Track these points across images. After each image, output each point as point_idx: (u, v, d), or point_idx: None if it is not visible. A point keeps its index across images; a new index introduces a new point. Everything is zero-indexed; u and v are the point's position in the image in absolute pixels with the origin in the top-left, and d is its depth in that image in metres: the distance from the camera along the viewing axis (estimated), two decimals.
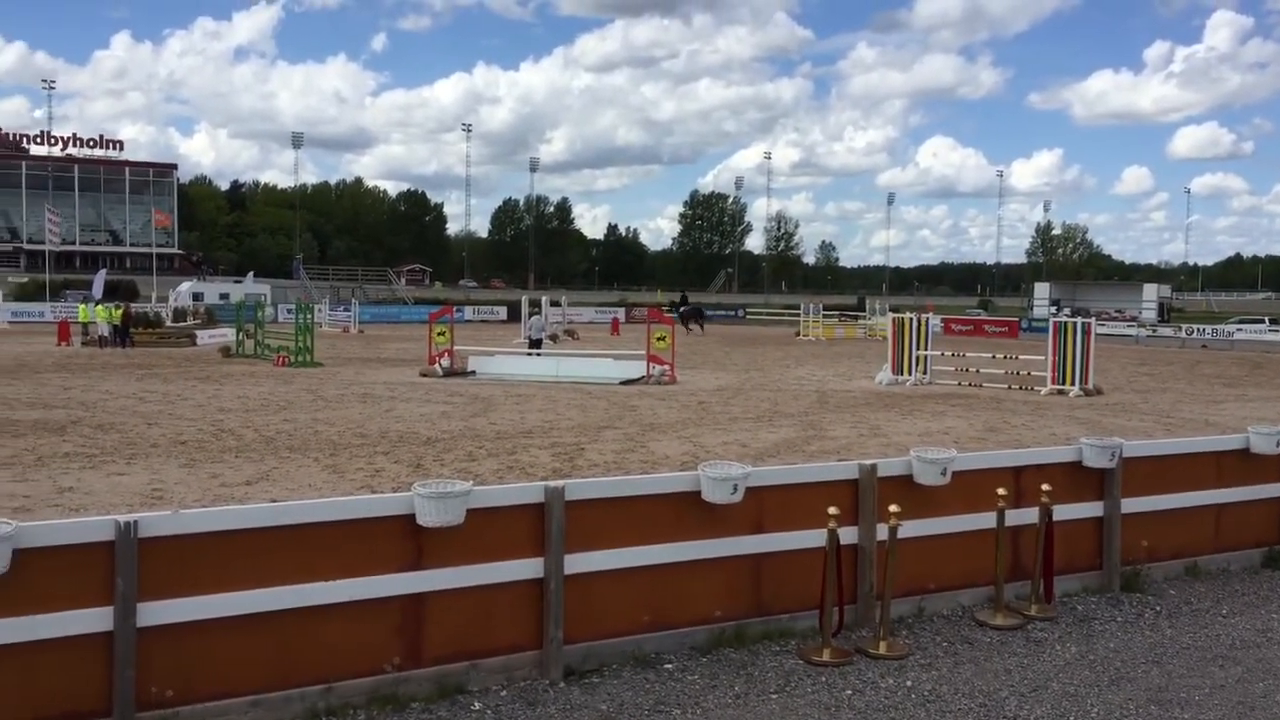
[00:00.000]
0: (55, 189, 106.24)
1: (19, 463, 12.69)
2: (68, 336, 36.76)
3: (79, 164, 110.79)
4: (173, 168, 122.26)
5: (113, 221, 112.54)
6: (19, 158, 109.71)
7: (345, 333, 48.86)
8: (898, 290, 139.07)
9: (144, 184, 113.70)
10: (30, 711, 4.82)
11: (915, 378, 24.97)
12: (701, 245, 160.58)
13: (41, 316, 53.01)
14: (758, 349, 40.74)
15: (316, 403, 19.76)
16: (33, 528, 4.92)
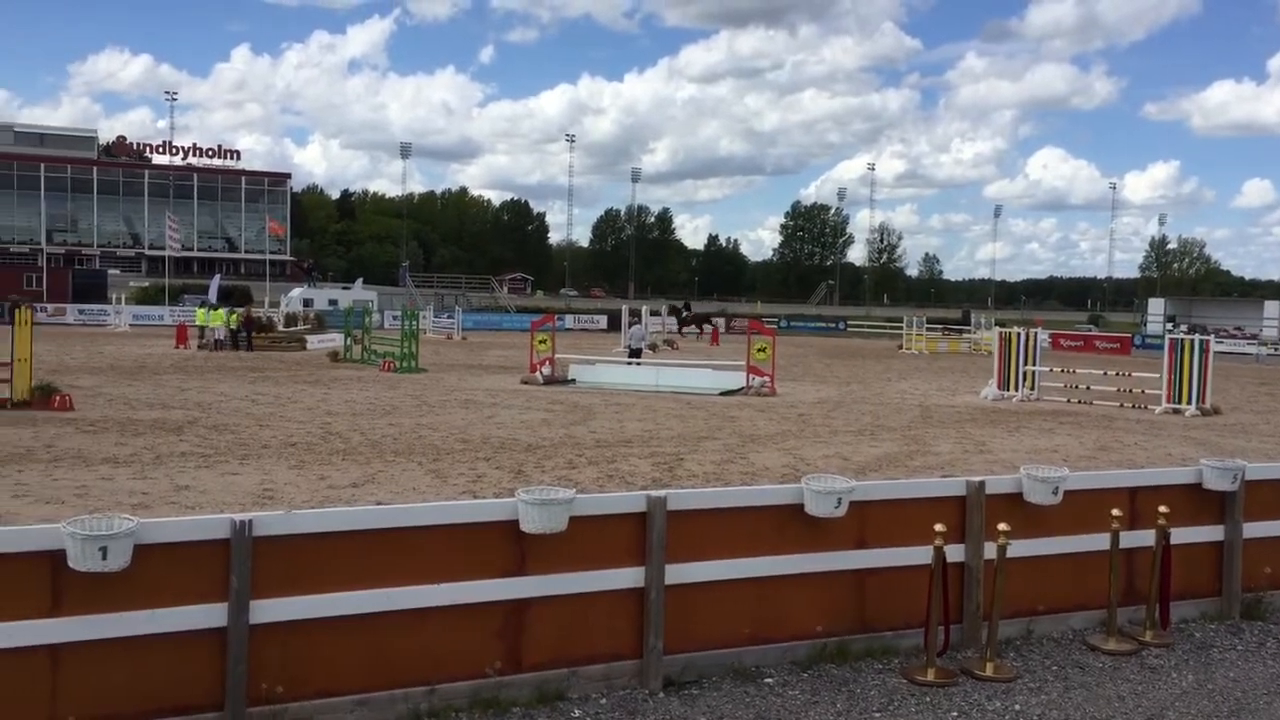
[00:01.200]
0: (176, 197, 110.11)
1: (139, 461, 13.15)
2: (185, 339, 38.00)
3: (198, 173, 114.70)
4: (286, 177, 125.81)
5: (229, 229, 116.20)
6: (142, 167, 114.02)
7: (449, 339, 49.62)
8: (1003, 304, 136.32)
9: (259, 192, 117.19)
10: (147, 703, 4.96)
11: (1022, 393, 24.40)
12: (802, 257, 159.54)
13: (161, 320, 54.93)
14: (859, 362, 40.26)
15: (420, 408, 20.10)
16: (153, 524, 5.07)
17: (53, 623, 4.78)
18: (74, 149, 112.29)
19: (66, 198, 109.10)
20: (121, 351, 34.90)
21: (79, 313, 56.87)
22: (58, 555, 4.77)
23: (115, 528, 4.82)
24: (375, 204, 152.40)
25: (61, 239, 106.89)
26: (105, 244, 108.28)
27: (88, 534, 4.75)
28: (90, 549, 4.74)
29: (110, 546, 4.77)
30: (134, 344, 39.51)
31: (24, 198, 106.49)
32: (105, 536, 4.76)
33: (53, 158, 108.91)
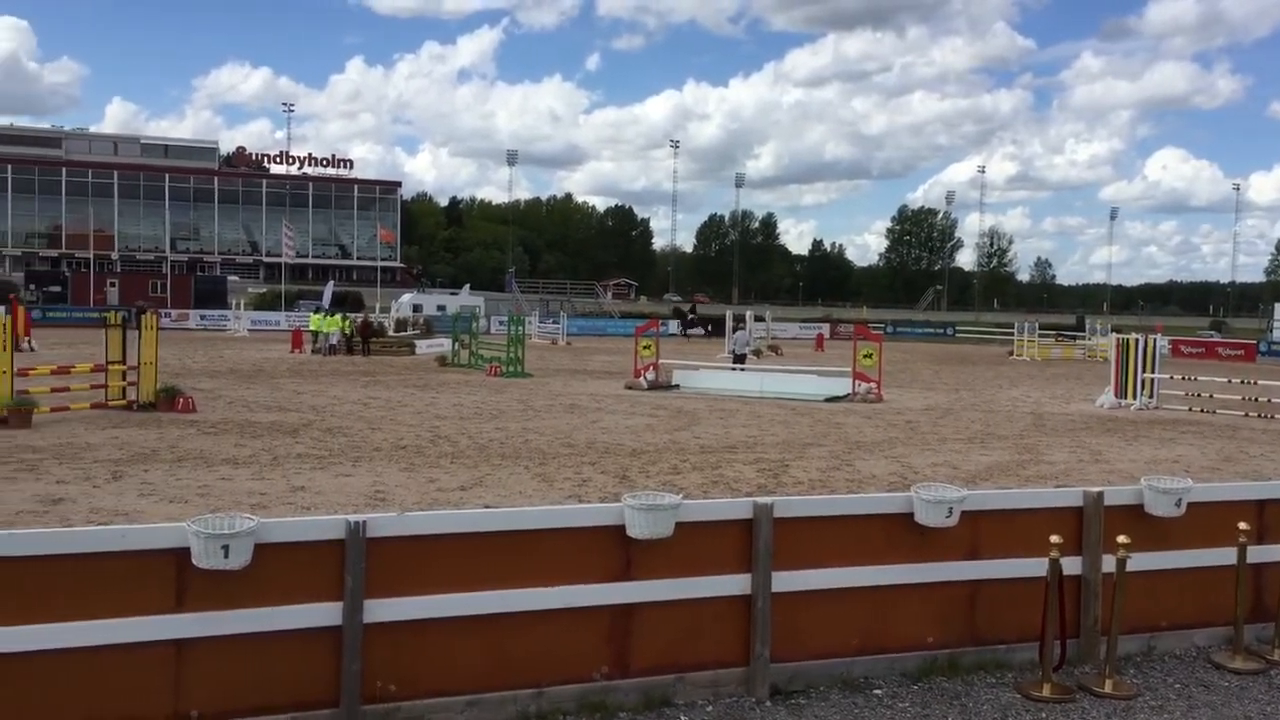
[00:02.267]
0: (292, 205, 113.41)
1: (257, 462, 13.55)
2: (300, 344, 39.10)
3: (313, 182, 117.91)
4: (397, 185, 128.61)
5: (342, 236, 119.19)
6: (261, 176, 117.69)
7: (554, 344, 50.10)
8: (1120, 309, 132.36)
9: (371, 200, 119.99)
10: (265, 698, 5.10)
11: (1140, 401, 23.63)
12: (909, 261, 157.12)
13: (277, 325, 56.61)
14: (968, 368, 39.48)
15: (526, 412, 20.32)
16: (272, 524, 5.21)
17: (177, 618, 4.94)
18: (197, 160, 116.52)
19: (190, 207, 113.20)
20: (240, 356, 36.06)
21: (200, 318, 59.01)
22: (182, 553, 4.93)
23: (236, 527, 4.97)
24: (482, 211, 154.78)
25: (185, 247, 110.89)
26: (225, 251, 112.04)
27: (211, 533, 4.90)
28: (213, 547, 4.90)
29: (232, 545, 4.92)
30: (252, 348, 40.78)
31: (150, 207, 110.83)
32: (227, 535, 4.91)
33: (177, 168, 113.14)
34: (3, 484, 11.56)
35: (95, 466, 12.83)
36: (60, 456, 13.48)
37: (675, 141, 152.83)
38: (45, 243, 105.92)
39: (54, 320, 53.74)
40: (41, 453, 13.71)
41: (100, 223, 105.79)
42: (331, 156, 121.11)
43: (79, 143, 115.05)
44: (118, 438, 15.28)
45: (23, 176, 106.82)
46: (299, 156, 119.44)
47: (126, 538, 4.99)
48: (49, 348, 35.32)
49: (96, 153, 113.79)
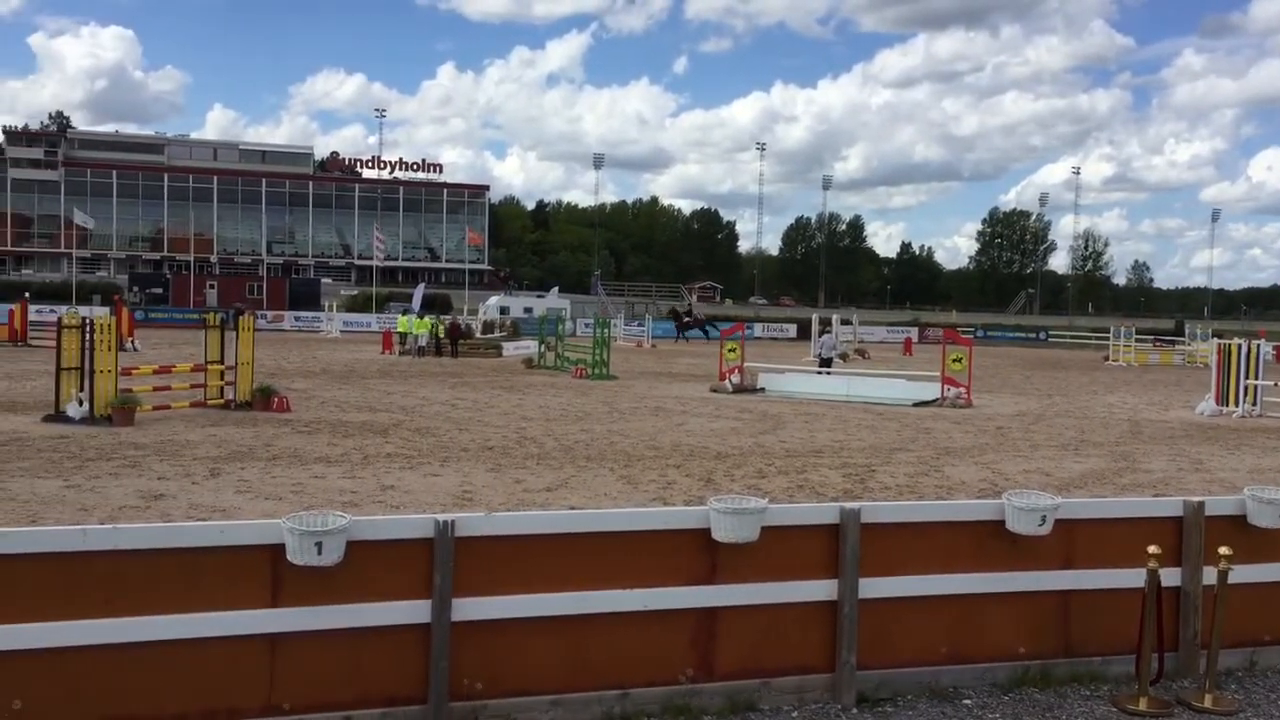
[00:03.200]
0: (383, 209, 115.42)
1: (348, 461, 13.82)
2: (390, 345, 39.77)
3: (403, 186, 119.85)
4: (485, 189, 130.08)
5: (431, 239, 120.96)
6: (353, 181, 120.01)
7: (639, 347, 50.22)
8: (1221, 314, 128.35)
9: (459, 204, 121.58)
10: (356, 693, 5.20)
11: (1243, 409, 22.88)
12: (1000, 264, 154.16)
13: (368, 326, 57.65)
14: (1061, 374, 38.63)
15: (611, 414, 20.40)
16: (363, 522, 5.30)
17: (273, 613, 5.06)
18: (292, 165, 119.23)
19: (285, 211, 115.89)
20: (333, 356, 36.80)
21: (295, 319, 60.38)
22: (278, 549, 5.05)
23: (330, 524, 5.08)
24: (568, 214, 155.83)
25: (280, 250, 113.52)
26: (319, 254, 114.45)
27: (305, 529, 5.01)
28: (307, 544, 5.00)
29: (325, 542, 5.03)
30: (344, 349, 41.59)
31: (247, 211, 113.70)
32: (321, 532, 5.02)
33: (273, 173, 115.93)
34: (107, 479, 11.95)
35: (194, 463, 13.20)
36: (161, 453, 13.89)
37: (762, 144, 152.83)
38: (148, 246, 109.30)
39: (156, 321, 55.42)
40: (144, 449, 14.15)
41: (200, 226, 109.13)
42: (422, 161, 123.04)
43: (181, 149, 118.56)
44: (216, 436, 15.70)
45: (127, 182, 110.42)
46: (390, 161, 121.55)
47: (225, 533, 5.13)
48: (151, 347, 36.44)
49: (197, 158, 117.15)
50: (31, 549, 4.83)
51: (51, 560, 4.82)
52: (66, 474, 12.19)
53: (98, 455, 13.55)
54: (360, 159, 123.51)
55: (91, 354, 16.81)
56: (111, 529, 5.10)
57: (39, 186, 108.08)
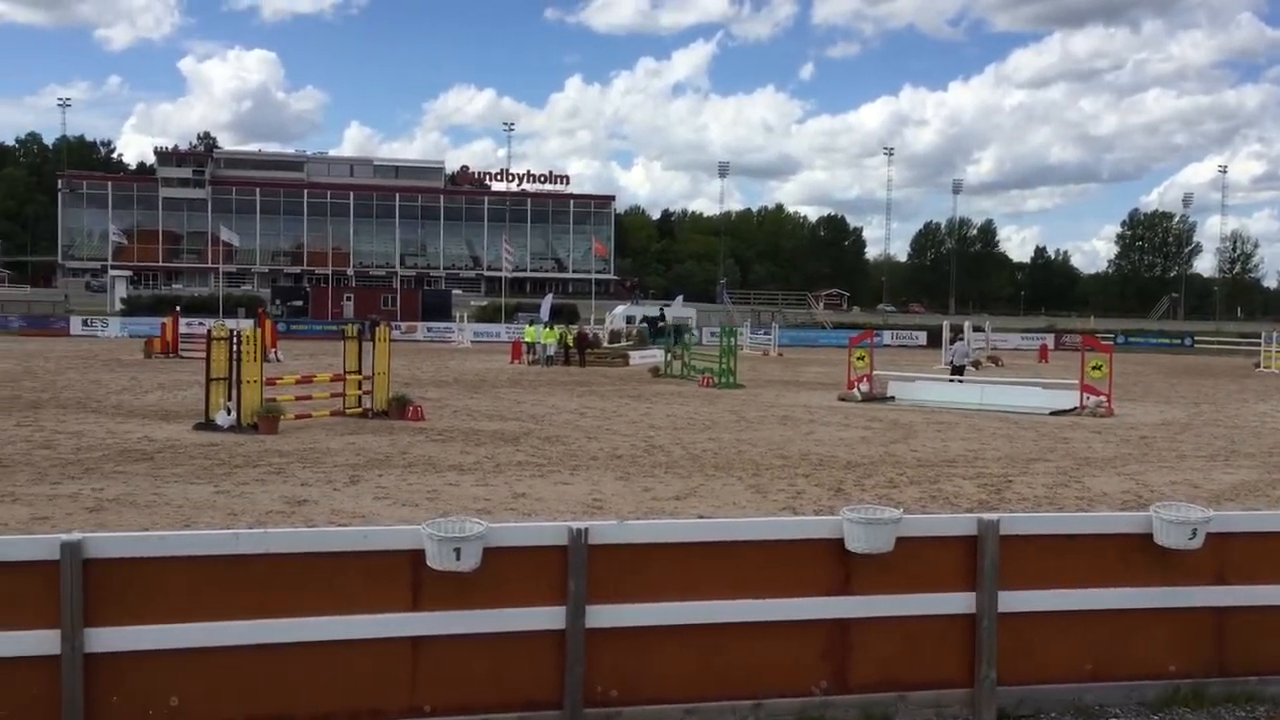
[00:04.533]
0: (511, 221, 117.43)
1: (481, 469, 14.09)
2: (519, 355, 40.42)
3: (531, 198, 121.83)
4: (611, 199, 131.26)
5: (558, 249, 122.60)
6: (482, 194, 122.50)
7: (765, 355, 49.97)
8: None
9: (586, 214, 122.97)
10: (493, 696, 5.29)
11: None
12: (1142, 268, 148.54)
13: (498, 336, 58.71)
14: (1208, 381, 37.03)
15: (739, 423, 20.34)
16: (499, 529, 5.40)
17: (414, 616, 5.19)
18: (424, 179, 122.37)
19: (417, 224, 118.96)
20: (464, 366, 37.58)
21: (427, 330, 61.85)
22: (418, 554, 5.18)
23: (467, 531, 5.19)
24: (694, 223, 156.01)
25: (413, 262, 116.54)
26: (450, 266, 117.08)
27: (444, 535, 5.13)
28: (446, 550, 5.12)
29: (463, 548, 5.14)
30: (475, 359, 42.43)
31: (381, 225, 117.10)
32: (459, 539, 5.13)
33: (406, 188, 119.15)
34: (254, 485, 12.44)
35: (335, 470, 13.64)
36: (304, 460, 14.39)
37: (890, 149, 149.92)
38: (289, 260, 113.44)
39: (296, 332, 57.40)
40: (287, 456, 14.67)
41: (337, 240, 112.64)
42: (549, 173, 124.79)
43: (319, 166, 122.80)
44: (354, 443, 16.19)
45: (270, 198, 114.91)
46: (518, 174, 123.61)
47: (368, 539, 5.29)
48: (293, 358, 37.77)
49: (335, 175, 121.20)
50: (188, 551, 5.06)
51: (206, 563, 5.04)
52: (216, 480, 12.72)
53: (245, 462, 14.11)
54: (489, 172, 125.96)
55: (238, 365, 17.51)
56: (262, 533, 5.31)
57: (188, 205, 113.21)
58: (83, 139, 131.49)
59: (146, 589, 4.94)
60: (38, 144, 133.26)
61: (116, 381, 27.22)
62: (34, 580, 4.82)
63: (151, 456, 14.44)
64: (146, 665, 4.94)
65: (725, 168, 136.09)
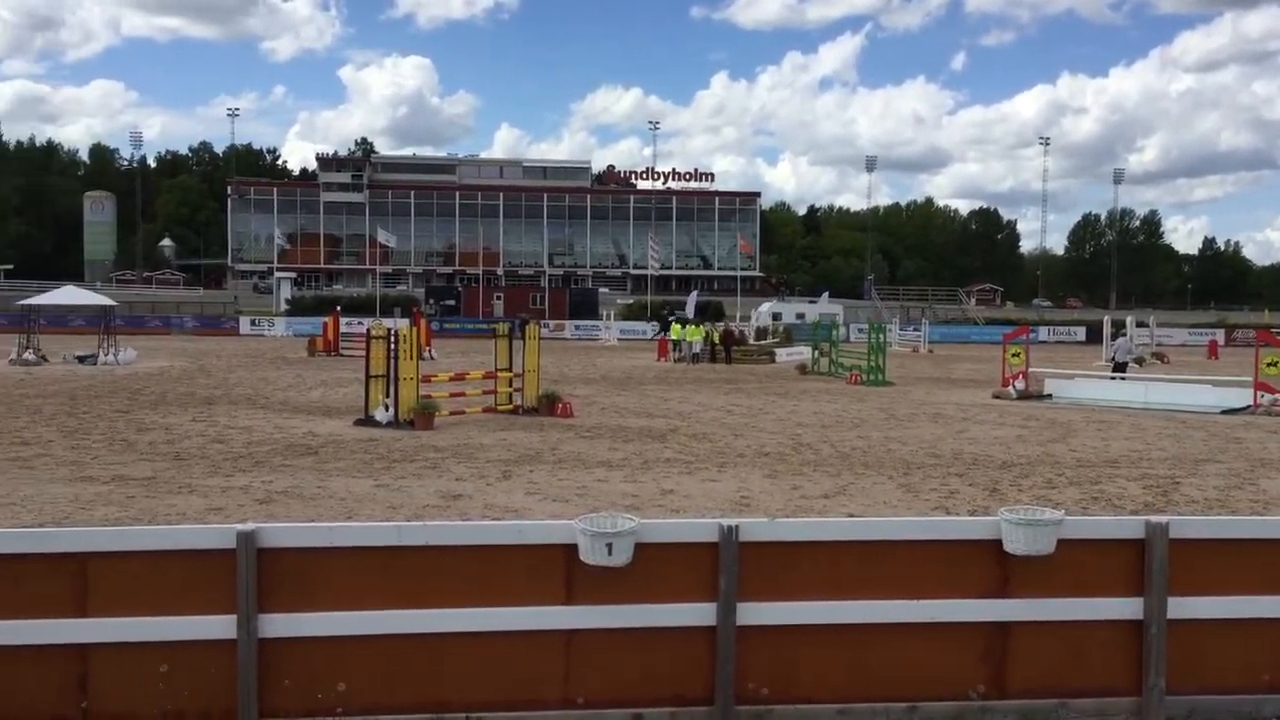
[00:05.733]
0: (656, 219, 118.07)
1: (628, 465, 14.22)
2: (665, 352, 40.62)
3: (676, 196, 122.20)
4: (756, 196, 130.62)
5: (703, 247, 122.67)
6: (628, 192, 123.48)
7: (914, 352, 49.04)
8: None
9: (731, 212, 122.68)
10: (644, 691, 5.34)
11: None
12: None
13: (643, 334, 59.14)
14: None
15: (889, 421, 20.01)
16: (651, 525, 5.44)
17: (568, 610, 5.29)
18: (571, 179, 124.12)
19: (565, 224, 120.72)
20: (611, 363, 37.98)
21: (575, 328, 62.80)
22: (571, 549, 5.27)
23: (619, 526, 5.25)
24: (840, 218, 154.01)
25: (560, 261, 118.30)
26: (596, 265, 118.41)
27: (597, 531, 5.20)
28: (599, 545, 5.19)
29: (615, 543, 5.20)
30: (621, 356, 42.84)
31: (530, 225, 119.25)
32: (611, 534, 5.20)
33: (553, 188, 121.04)
34: (411, 479, 12.83)
35: (488, 465, 13.96)
36: (458, 456, 14.77)
37: (1046, 139, 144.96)
38: (441, 260, 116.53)
39: (449, 331, 58.98)
40: (443, 452, 15.09)
41: (488, 241, 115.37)
42: (694, 170, 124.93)
43: (470, 168, 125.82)
44: (505, 439, 16.54)
45: (423, 201, 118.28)
46: (663, 172, 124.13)
47: (523, 533, 5.41)
48: (446, 356, 38.83)
49: (485, 177, 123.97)
50: (353, 543, 5.27)
51: (370, 554, 5.23)
52: (376, 474, 13.18)
53: (402, 457, 14.57)
54: (635, 171, 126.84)
55: (396, 363, 18.09)
56: (422, 526, 5.49)
57: (347, 208, 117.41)
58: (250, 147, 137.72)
59: (315, 578, 5.16)
60: (209, 153, 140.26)
61: (282, 379, 28.46)
62: (212, 568, 5.08)
63: (316, 451, 15.04)
64: (315, 651, 5.16)
65: (873, 162, 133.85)
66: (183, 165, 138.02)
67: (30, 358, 31.58)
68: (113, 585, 5.03)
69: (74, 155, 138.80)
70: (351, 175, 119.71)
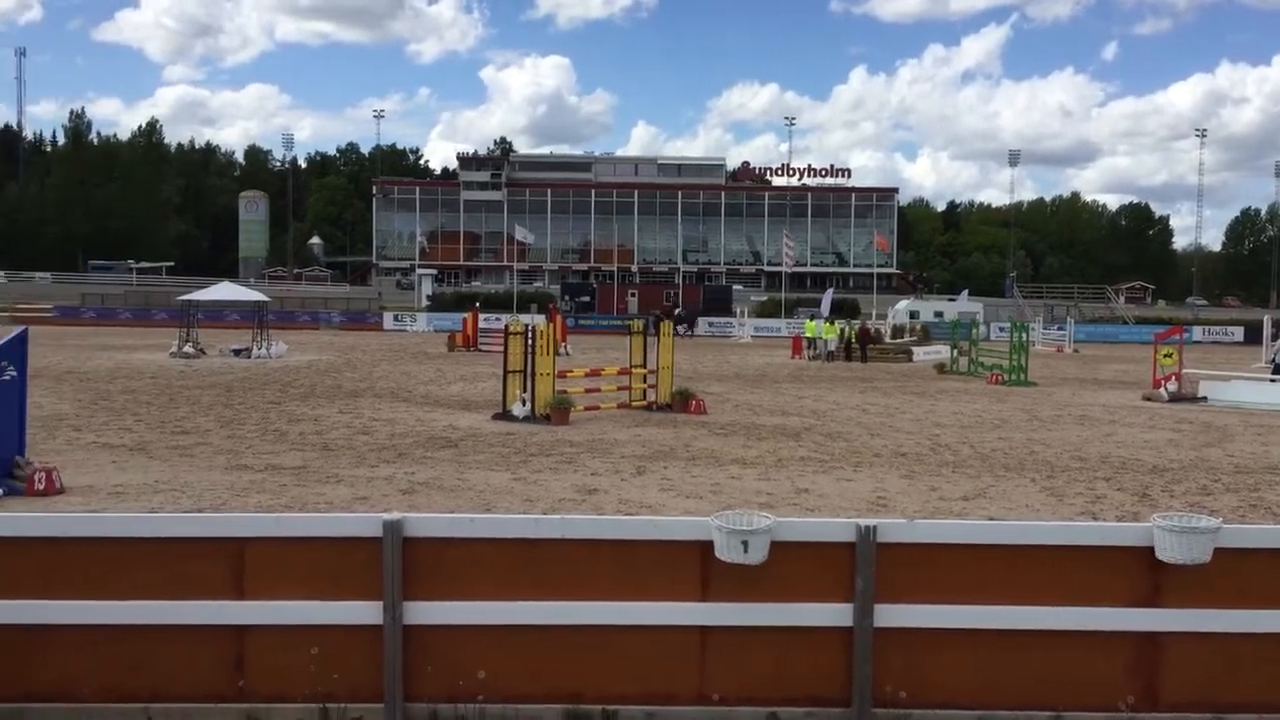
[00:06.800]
0: (791, 215, 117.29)
1: (762, 463, 14.16)
2: (800, 350, 40.27)
3: (811, 192, 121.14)
4: (894, 192, 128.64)
5: (839, 244, 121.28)
6: (763, 189, 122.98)
7: (1059, 352, 47.50)
8: None
9: (867, 208, 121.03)
10: (779, 690, 5.32)
11: None
12: None
13: (778, 332, 58.70)
14: None
15: (1031, 422, 19.45)
16: (787, 523, 5.41)
17: (702, 606, 5.30)
18: (706, 176, 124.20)
19: (699, 221, 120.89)
20: (744, 361, 37.84)
21: (708, 325, 62.64)
22: (706, 545, 5.28)
23: (755, 524, 5.24)
24: (981, 214, 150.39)
25: (694, 258, 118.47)
26: (730, 262, 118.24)
27: (733, 528, 5.20)
28: (734, 542, 5.19)
29: (751, 541, 5.19)
30: (755, 354, 42.65)
31: (664, 222, 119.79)
32: (747, 531, 5.19)
33: (687, 185, 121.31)
34: (547, 474, 13.04)
35: (622, 461, 14.08)
36: (593, 451, 14.94)
37: (1203, 130, 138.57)
38: (576, 257, 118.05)
39: (584, 327, 59.55)
40: (578, 446, 15.28)
41: (622, 238, 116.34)
42: (830, 166, 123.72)
43: (606, 166, 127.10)
44: (640, 435, 16.65)
45: (560, 199, 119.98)
46: (798, 168, 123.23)
47: (659, 528, 5.45)
48: (581, 352, 39.26)
49: (620, 174, 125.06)
50: (494, 534, 5.39)
51: (510, 545, 5.34)
52: (513, 467, 13.42)
53: (538, 451, 14.81)
54: (770, 167, 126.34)
55: (533, 358, 18.38)
56: (561, 519, 5.57)
57: (486, 206, 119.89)
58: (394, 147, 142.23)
59: (457, 567, 5.30)
60: (355, 153, 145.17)
61: (424, 373, 29.21)
62: (359, 555, 5.26)
63: (455, 444, 15.41)
64: (456, 639, 5.29)
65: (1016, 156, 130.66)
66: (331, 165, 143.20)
67: (189, 351, 33.14)
68: (268, 569, 5.26)
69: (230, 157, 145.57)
70: (490, 174, 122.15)
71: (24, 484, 10.92)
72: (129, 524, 5.53)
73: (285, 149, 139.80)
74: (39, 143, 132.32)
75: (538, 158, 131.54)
